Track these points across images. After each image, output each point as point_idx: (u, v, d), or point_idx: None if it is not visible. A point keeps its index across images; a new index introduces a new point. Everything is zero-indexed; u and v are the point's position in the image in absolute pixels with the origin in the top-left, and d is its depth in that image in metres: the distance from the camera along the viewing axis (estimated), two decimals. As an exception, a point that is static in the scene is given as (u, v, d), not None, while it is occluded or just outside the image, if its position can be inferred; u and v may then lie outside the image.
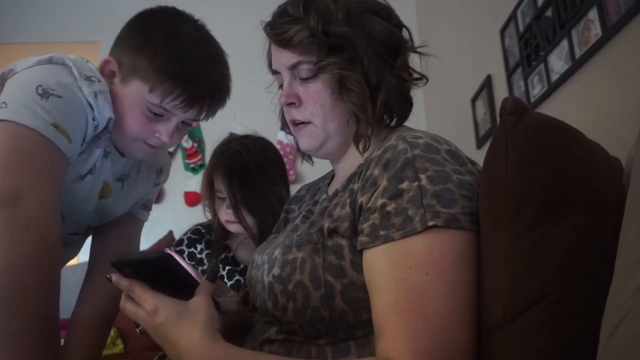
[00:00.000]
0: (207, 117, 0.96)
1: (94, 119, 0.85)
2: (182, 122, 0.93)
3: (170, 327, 0.65)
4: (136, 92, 0.88)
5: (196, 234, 1.48)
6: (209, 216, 1.47)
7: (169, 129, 0.92)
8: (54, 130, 0.78)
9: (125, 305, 0.70)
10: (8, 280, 0.71)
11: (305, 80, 0.77)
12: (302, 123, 0.79)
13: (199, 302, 0.67)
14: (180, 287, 0.70)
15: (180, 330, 0.65)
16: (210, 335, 0.64)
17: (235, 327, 0.82)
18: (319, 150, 0.80)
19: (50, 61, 0.85)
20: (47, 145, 0.78)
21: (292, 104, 0.79)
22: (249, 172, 1.33)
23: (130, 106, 0.89)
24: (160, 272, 0.69)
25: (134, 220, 1.12)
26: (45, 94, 0.78)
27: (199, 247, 1.47)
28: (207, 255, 1.45)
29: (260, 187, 1.34)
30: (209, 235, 1.48)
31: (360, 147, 0.76)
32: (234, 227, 1.38)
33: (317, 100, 0.77)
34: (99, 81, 0.87)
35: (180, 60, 0.88)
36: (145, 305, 0.67)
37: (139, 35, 0.91)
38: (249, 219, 1.34)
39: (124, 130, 0.91)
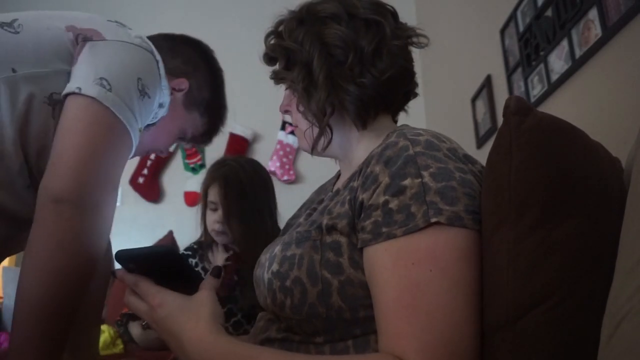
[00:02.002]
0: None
1: (153, 118, 0.85)
2: None
3: (174, 320, 0.66)
4: (192, 122, 0.97)
5: (189, 250, 1.64)
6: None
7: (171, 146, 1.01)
8: (139, 134, 0.77)
9: (129, 299, 0.71)
10: (53, 286, 0.67)
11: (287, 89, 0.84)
12: (296, 126, 0.84)
13: (203, 296, 0.68)
14: (184, 282, 0.70)
15: (184, 323, 0.65)
16: (214, 329, 0.64)
17: None
18: (312, 151, 0.82)
19: (142, 45, 0.80)
20: (130, 150, 0.76)
21: (287, 111, 0.85)
22: (243, 186, 1.49)
23: (175, 126, 0.94)
24: (164, 267, 0.69)
25: None
26: (142, 91, 0.76)
27: (193, 261, 1.61)
28: (202, 268, 1.61)
29: (251, 201, 1.49)
30: (201, 251, 1.63)
31: (319, 149, 0.79)
32: (221, 238, 1.54)
33: (293, 107, 0.82)
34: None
35: (224, 109, 1.05)
36: (150, 300, 0.68)
37: (216, 77, 1.01)
38: (237, 229, 1.47)
39: (152, 138, 0.91)
